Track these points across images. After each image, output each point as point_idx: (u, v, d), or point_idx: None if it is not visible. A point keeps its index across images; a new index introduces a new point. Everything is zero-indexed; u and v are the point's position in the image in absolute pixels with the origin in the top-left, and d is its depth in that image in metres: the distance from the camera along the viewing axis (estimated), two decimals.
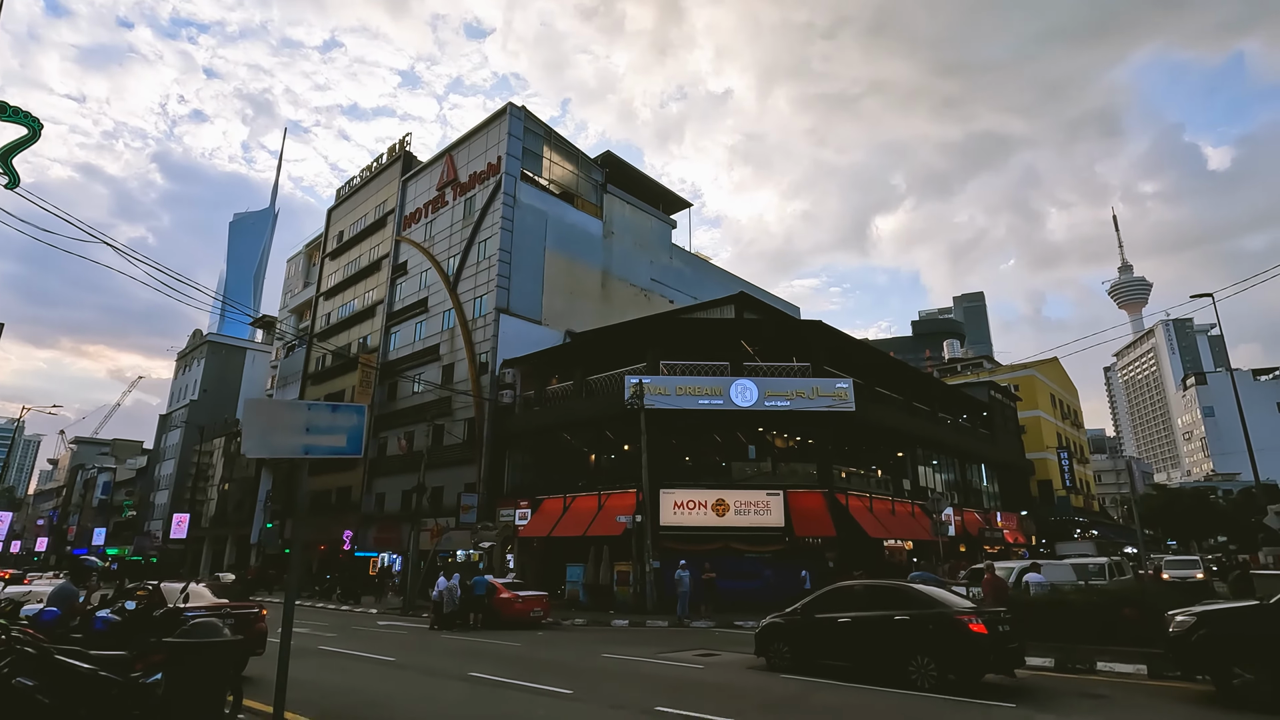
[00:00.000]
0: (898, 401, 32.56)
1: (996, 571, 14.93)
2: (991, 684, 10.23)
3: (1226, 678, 8.60)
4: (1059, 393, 60.97)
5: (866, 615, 10.71)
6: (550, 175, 40.46)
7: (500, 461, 32.82)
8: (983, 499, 39.38)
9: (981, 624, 9.56)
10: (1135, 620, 11.49)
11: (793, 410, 25.68)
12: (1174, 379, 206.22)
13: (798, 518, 24.28)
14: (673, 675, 11.65)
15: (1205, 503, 65.66)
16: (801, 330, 29.02)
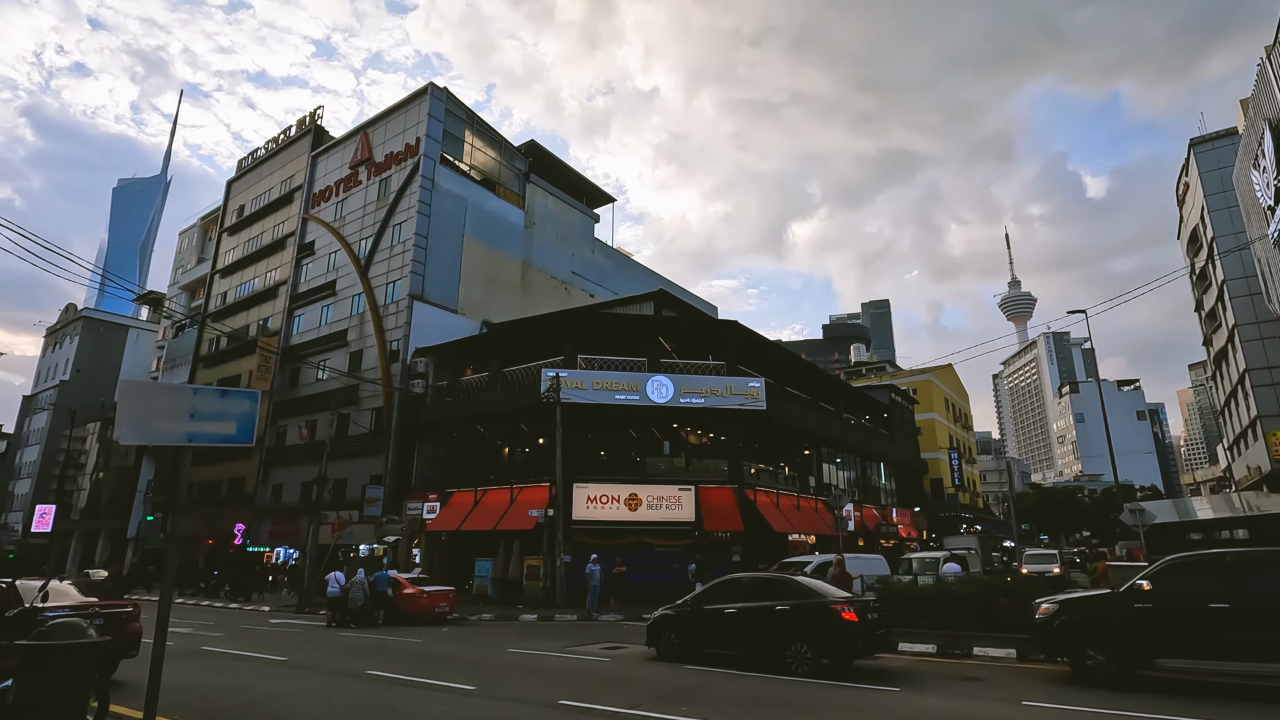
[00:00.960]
0: (806, 401, 33.85)
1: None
2: (879, 670, 10.86)
3: (1081, 659, 9.47)
4: (952, 397, 65.16)
5: (752, 606, 11.32)
6: (472, 161, 39.44)
7: (409, 453, 31.78)
8: (881, 495, 41.58)
9: (853, 612, 10.37)
10: (1009, 608, 12.48)
11: (707, 407, 26.21)
12: (1052, 387, 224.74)
13: (708, 512, 24.83)
14: (578, 668, 11.67)
15: (1074, 501, 72.02)
16: (718, 329, 29.64)
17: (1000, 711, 7.87)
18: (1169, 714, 7.55)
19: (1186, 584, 9.06)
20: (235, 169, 51.40)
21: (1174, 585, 9.10)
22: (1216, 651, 8.77)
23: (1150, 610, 9.04)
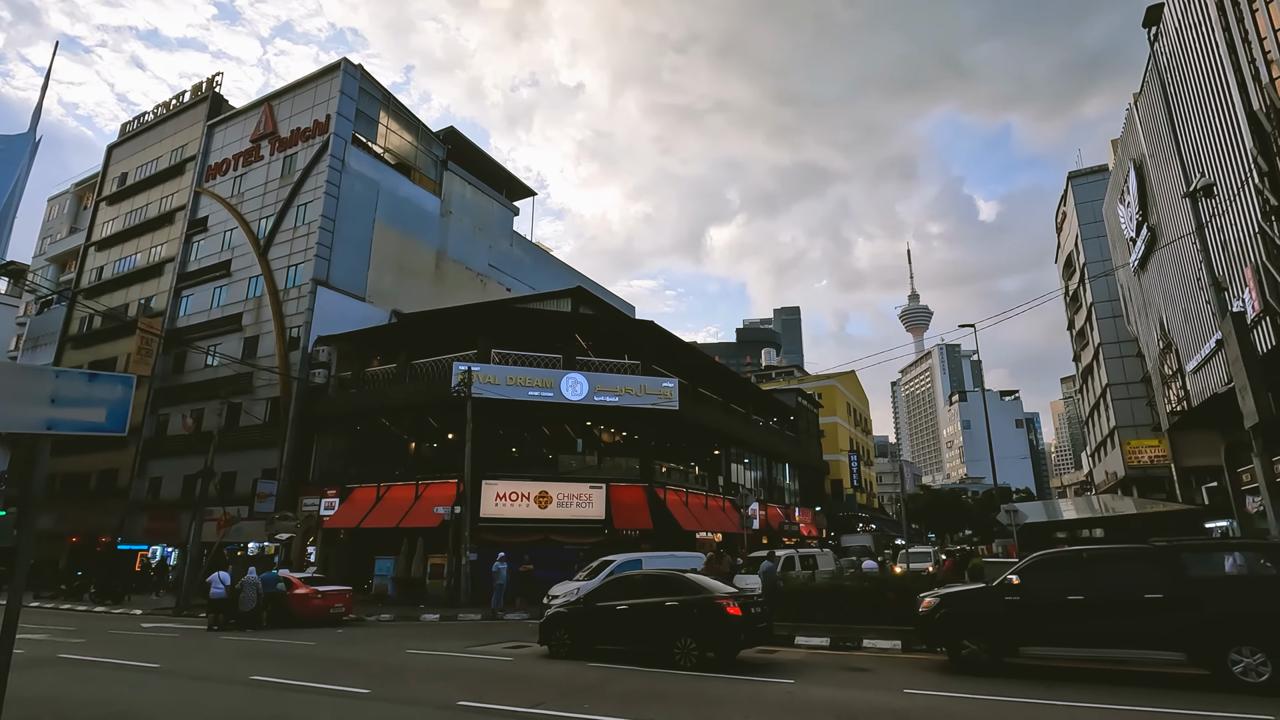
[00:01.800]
0: (718, 403, 34.62)
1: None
2: (776, 662, 11.26)
3: (958, 649, 10.18)
4: (854, 402, 68.44)
5: (643, 602, 11.58)
6: (386, 144, 37.88)
7: (307, 446, 30.16)
8: (785, 495, 43.13)
9: (737, 607, 10.80)
10: (898, 602, 13.26)
11: (621, 406, 26.31)
12: (943, 395, 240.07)
13: (618, 510, 24.96)
14: (480, 668, 11.45)
15: (958, 502, 77.19)
16: (635, 329, 29.84)
17: (884, 700, 8.34)
18: (1031, 698, 8.24)
19: (1050, 578, 9.90)
20: (119, 133, 47.07)
21: (1039, 580, 9.93)
22: (1074, 639, 9.65)
23: (1019, 603, 9.83)
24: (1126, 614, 9.19)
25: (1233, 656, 8.47)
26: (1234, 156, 20.43)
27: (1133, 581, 9.31)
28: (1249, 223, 20.06)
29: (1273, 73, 18.57)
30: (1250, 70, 19.11)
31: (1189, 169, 23.53)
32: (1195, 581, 8.98)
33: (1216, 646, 8.59)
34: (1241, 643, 8.46)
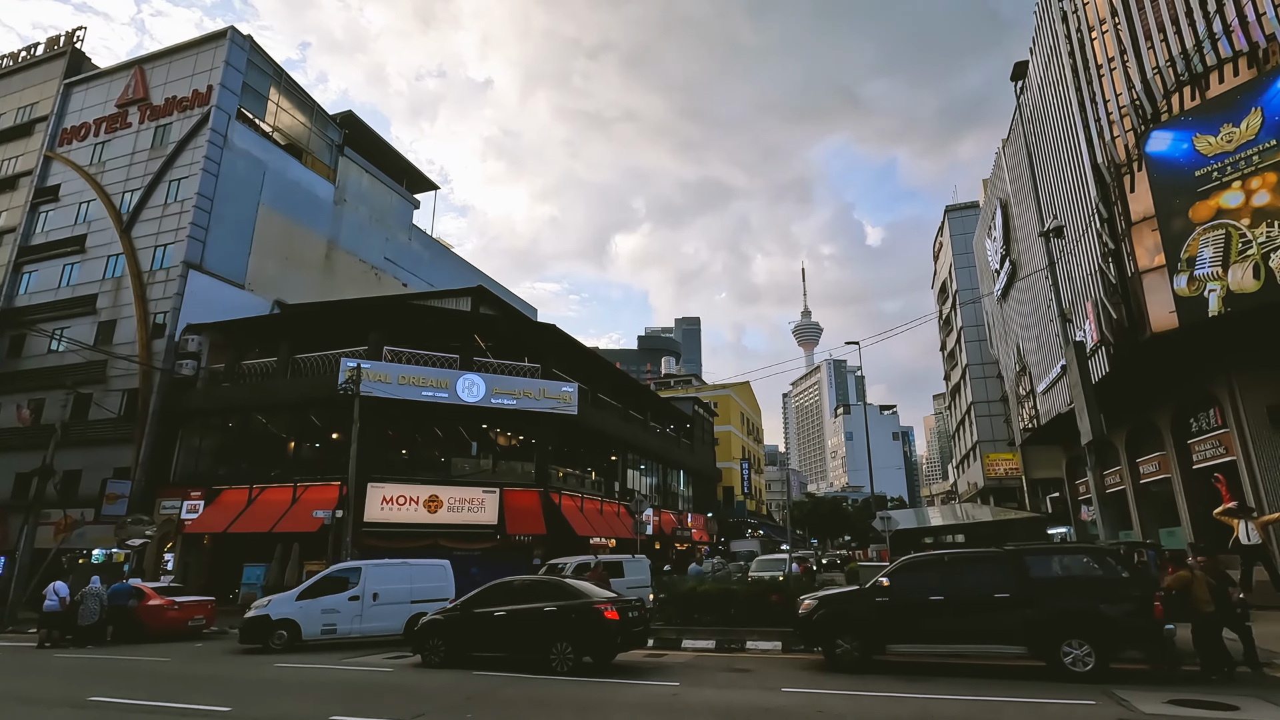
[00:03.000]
0: (617, 409, 34.83)
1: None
2: (662, 665, 11.45)
3: (832, 648, 10.76)
4: (747, 412, 70.88)
5: (521, 608, 11.52)
6: (276, 123, 35.50)
7: (169, 443, 27.60)
8: (679, 501, 43.97)
9: (614, 611, 10.97)
10: (780, 605, 13.82)
11: (518, 409, 25.91)
12: (830, 408, 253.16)
13: (511, 515, 24.54)
14: (356, 680, 10.91)
15: (839, 509, 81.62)
16: (536, 332, 29.50)
17: (763, 699, 8.67)
18: (894, 692, 8.84)
19: (914, 580, 10.67)
20: None
21: (905, 581, 10.68)
22: (935, 636, 10.46)
23: (887, 603, 10.53)
24: (979, 612, 10.06)
25: (1064, 649, 9.47)
26: (1081, 203, 22.96)
27: (985, 582, 10.21)
28: (1091, 262, 22.59)
29: (1114, 131, 21.04)
30: (1097, 127, 21.56)
31: (1044, 211, 26.20)
32: (1036, 582, 9.97)
33: (1051, 640, 9.57)
34: (1071, 636, 9.47)
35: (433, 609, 14.31)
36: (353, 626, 15.29)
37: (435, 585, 16.14)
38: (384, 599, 15.51)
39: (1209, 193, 18.05)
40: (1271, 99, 17.01)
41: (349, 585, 15.54)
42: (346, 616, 15.30)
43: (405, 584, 15.85)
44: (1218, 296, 17.57)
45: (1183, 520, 22.21)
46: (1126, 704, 7.79)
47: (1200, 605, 9.53)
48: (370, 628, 15.37)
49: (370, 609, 15.41)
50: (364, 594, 15.43)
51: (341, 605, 15.34)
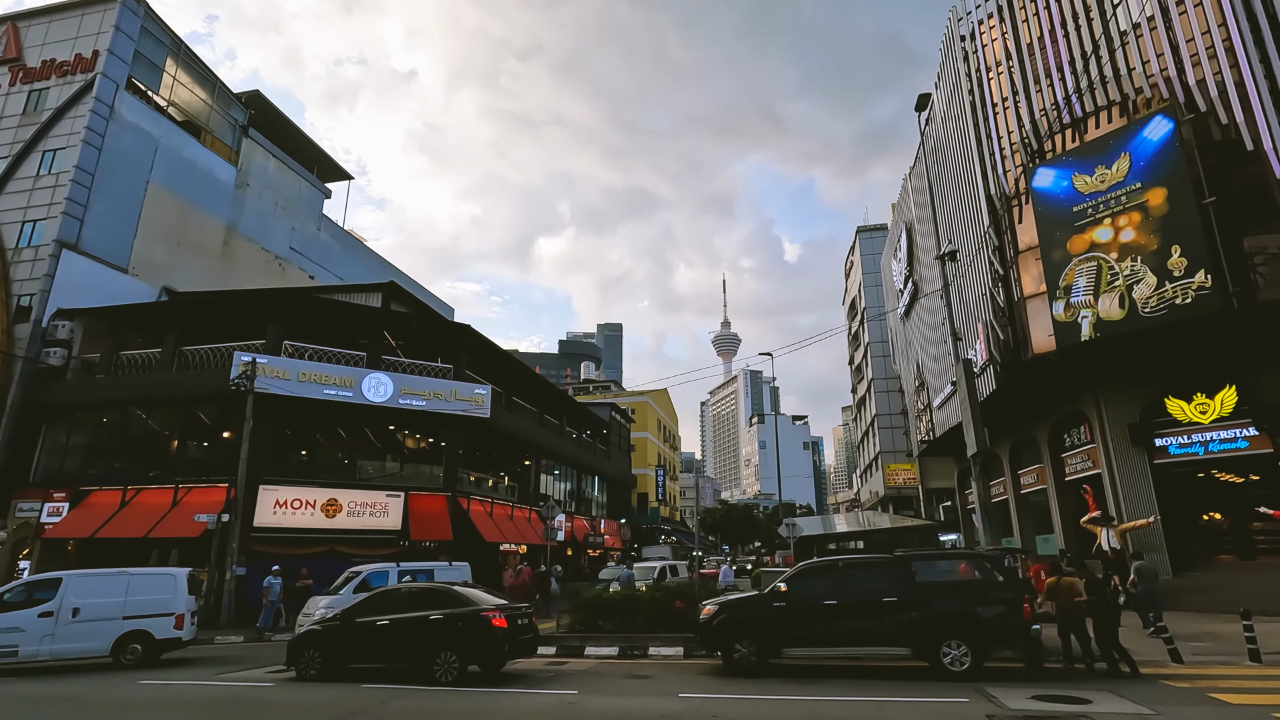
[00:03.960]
0: (532, 413, 34.36)
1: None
2: (564, 673, 11.29)
3: (730, 652, 10.93)
4: (665, 419, 71.59)
5: (405, 617, 11.13)
6: (173, 96, 33.02)
7: (30, 439, 24.98)
8: (593, 507, 43.79)
9: (503, 619, 10.79)
10: (684, 610, 13.93)
11: (428, 411, 25.07)
12: (745, 417, 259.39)
13: (417, 520, 23.69)
14: (234, 696, 10.17)
15: (750, 516, 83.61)
16: (450, 332, 28.66)
17: (659, 705, 8.68)
18: (787, 694, 9.06)
19: (811, 585, 11.02)
20: None
21: (802, 586, 11.01)
22: (828, 640, 10.82)
23: (784, 608, 10.81)
24: (869, 616, 10.48)
25: (944, 649, 10.00)
26: (975, 230, 24.56)
27: (875, 587, 10.65)
28: (982, 286, 24.17)
29: (1006, 166, 22.63)
30: (991, 161, 23.12)
31: (943, 236, 27.87)
32: (922, 586, 10.49)
33: (932, 641, 10.09)
34: (951, 637, 10.02)
35: (158, 626, 13.51)
36: (40, 648, 13.07)
37: (159, 599, 13.90)
38: (86, 615, 13.34)
39: (1084, 227, 19.69)
40: (1138, 145, 18.75)
41: (40, 600, 13.40)
42: (33, 636, 13.05)
43: (118, 597, 13.69)
44: (1089, 323, 19.15)
45: (1055, 528, 24.05)
46: (995, 700, 8.29)
47: (1070, 606, 10.32)
48: (64, 649, 13.22)
49: (67, 627, 13.19)
50: (60, 609, 13.26)
51: (28, 623, 13.09)
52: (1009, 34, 23.11)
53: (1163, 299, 17.67)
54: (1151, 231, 18.22)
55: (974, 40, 24.31)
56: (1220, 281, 16.80)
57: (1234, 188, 17.35)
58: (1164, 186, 18.09)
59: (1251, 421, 17.87)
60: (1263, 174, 16.64)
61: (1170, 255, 17.68)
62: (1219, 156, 17.64)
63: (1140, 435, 19.80)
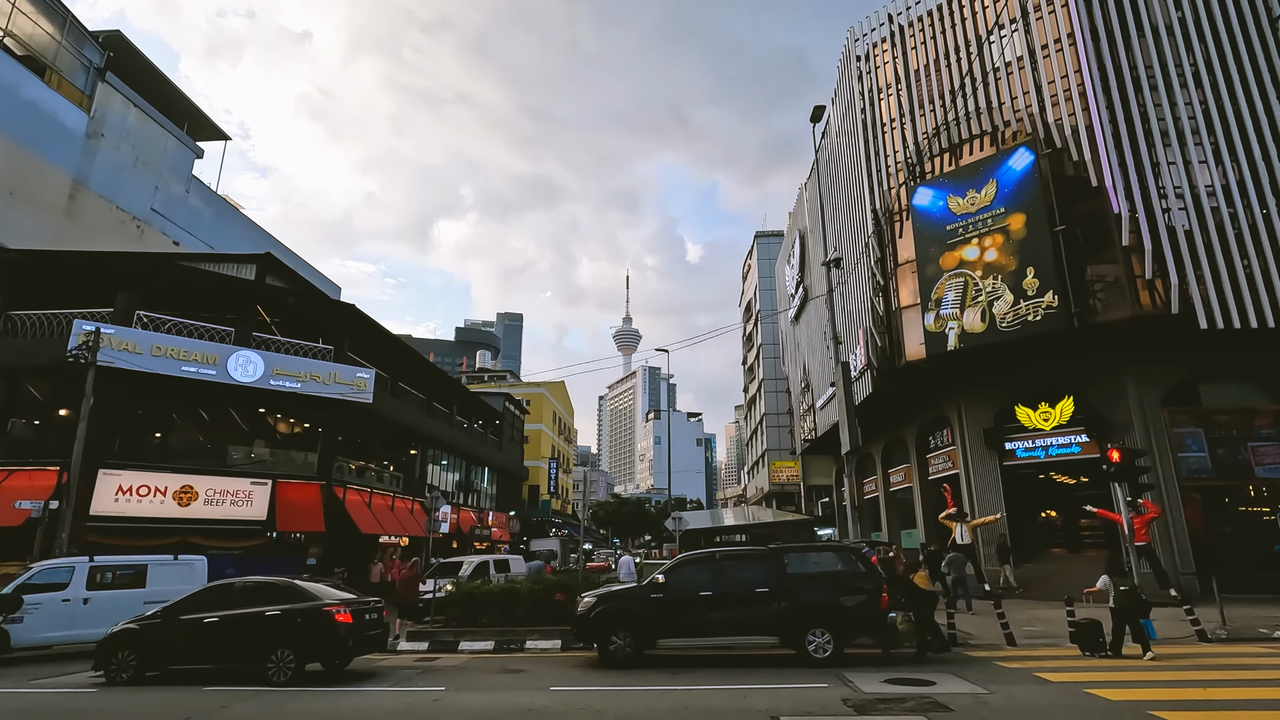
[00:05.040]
0: (420, 400, 33.02)
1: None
2: (434, 669, 10.86)
3: (606, 644, 10.90)
4: (560, 411, 71.09)
5: (238, 613, 10.37)
6: (12, 26, 28.97)
7: None
8: (481, 499, 42.75)
9: (348, 614, 10.26)
10: (565, 603, 13.78)
11: (303, 393, 23.47)
12: (642, 412, 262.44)
13: (285, 510, 22.13)
14: (48, 705, 9.01)
15: (642, 510, 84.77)
16: (332, 310, 26.92)
17: (528, 699, 8.50)
18: (659, 685, 9.13)
19: (688, 576, 11.18)
20: None
21: (680, 578, 11.15)
22: (702, 630, 11.03)
23: (661, 599, 10.91)
24: (742, 606, 10.77)
25: (809, 637, 10.44)
26: (861, 242, 25.94)
27: (749, 579, 10.96)
28: (864, 295, 25.57)
29: (890, 183, 24.00)
30: (878, 177, 24.46)
31: (832, 245, 29.26)
32: (792, 577, 10.90)
33: (799, 630, 10.51)
34: (816, 625, 10.48)
35: None
36: None
37: None
38: None
39: (955, 245, 21.23)
40: (1004, 173, 20.43)
41: None
42: None
43: None
44: (955, 334, 20.68)
45: (918, 523, 25.89)
46: (852, 685, 8.73)
47: (923, 593, 11.09)
48: None
49: None
50: None
51: None
52: (899, 59, 24.54)
53: (1018, 315, 19.36)
54: (1011, 253, 19.92)
55: (868, 62, 25.64)
56: (1065, 302, 18.61)
57: (1081, 219, 19.28)
58: (1023, 213, 19.81)
59: (1084, 429, 19.96)
60: (1104, 208, 18.60)
61: (1026, 276, 19.40)
62: (1070, 189, 19.54)
63: (993, 439, 21.64)
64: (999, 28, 21.98)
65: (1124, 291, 18.42)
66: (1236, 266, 17.66)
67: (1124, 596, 10.39)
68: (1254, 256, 17.72)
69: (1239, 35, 19.37)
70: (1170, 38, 19.65)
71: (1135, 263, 18.16)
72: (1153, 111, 19.11)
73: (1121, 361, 19.48)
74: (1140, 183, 18.42)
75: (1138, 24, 19.88)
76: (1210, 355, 18.99)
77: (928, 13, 23.93)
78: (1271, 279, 17.48)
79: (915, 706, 7.50)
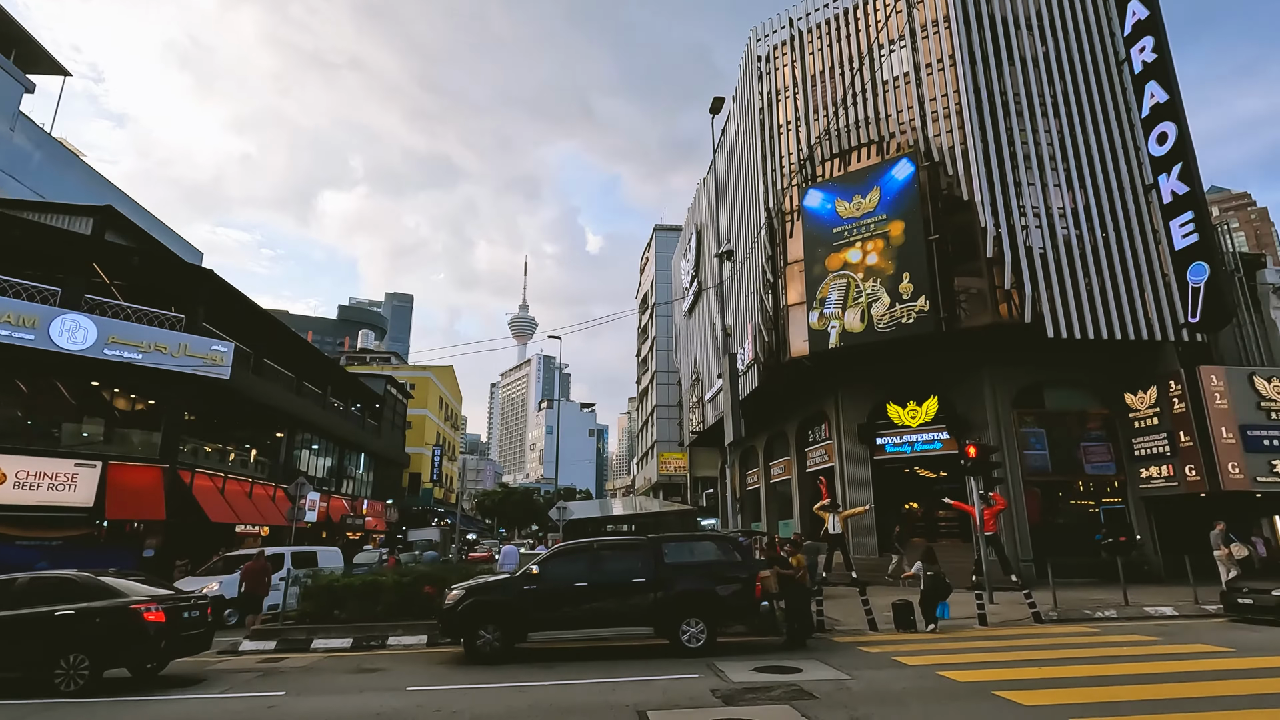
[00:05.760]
0: (288, 379, 30.53)
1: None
2: (275, 671, 9.84)
3: (473, 639, 10.30)
4: (448, 397, 68.56)
5: (18, 614, 8.99)
6: None
7: None
8: (356, 486, 40.34)
9: (160, 612, 9.15)
10: (434, 596, 12.98)
11: (147, 366, 20.92)
12: (535, 402, 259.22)
13: (117, 496, 19.67)
14: None
15: (530, 500, 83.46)
16: (187, 276, 24.16)
17: (378, 702, 7.80)
18: (525, 681, 8.67)
19: (564, 567, 10.79)
20: None
21: (555, 568, 10.74)
22: (576, 622, 10.65)
23: (535, 591, 10.45)
24: (618, 597, 10.51)
25: (683, 628, 10.35)
26: (753, 238, 26.49)
27: (626, 569, 10.72)
28: (755, 291, 26.14)
29: (784, 184, 24.59)
30: (772, 177, 24.99)
31: (725, 240, 29.72)
32: (669, 567, 10.76)
33: (673, 620, 10.39)
34: (690, 615, 10.40)
35: None
36: None
37: None
38: None
39: (840, 247, 22.05)
40: (887, 182, 21.40)
41: None
42: None
43: None
44: (837, 332, 21.50)
45: (795, 514, 26.88)
46: (722, 674, 8.67)
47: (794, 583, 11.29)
48: None
49: None
50: None
51: None
52: (798, 64, 25.18)
53: (893, 317, 20.38)
54: (890, 258, 20.93)
55: (769, 63, 26.14)
56: (935, 307, 19.78)
57: (953, 230, 20.56)
58: (903, 220, 20.86)
59: (945, 427, 21.37)
60: (973, 222, 19.92)
61: (902, 280, 20.45)
62: (945, 202, 20.79)
63: (866, 434, 22.75)
64: (889, 43, 23.02)
65: (985, 300, 19.84)
66: (1080, 283, 19.44)
67: (929, 580, 12.05)
68: (1094, 275, 19.58)
69: (1092, 73, 21.31)
70: (1036, 69, 21.31)
71: (996, 274, 19.59)
72: (1018, 136, 20.67)
73: (980, 365, 20.99)
74: (1005, 201, 19.87)
75: (1009, 53, 21.41)
76: (1054, 362, 20.87)
77: (826, 21, 24.69)
78: (1108, 296, 19.39)
79: (781, 695, 7.51)
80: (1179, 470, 18.75)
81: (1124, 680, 7.83)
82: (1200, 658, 9.22)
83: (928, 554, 12.80)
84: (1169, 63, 19.95)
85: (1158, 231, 19.96)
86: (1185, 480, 18.52)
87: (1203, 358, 19.84)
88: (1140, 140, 20.53)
